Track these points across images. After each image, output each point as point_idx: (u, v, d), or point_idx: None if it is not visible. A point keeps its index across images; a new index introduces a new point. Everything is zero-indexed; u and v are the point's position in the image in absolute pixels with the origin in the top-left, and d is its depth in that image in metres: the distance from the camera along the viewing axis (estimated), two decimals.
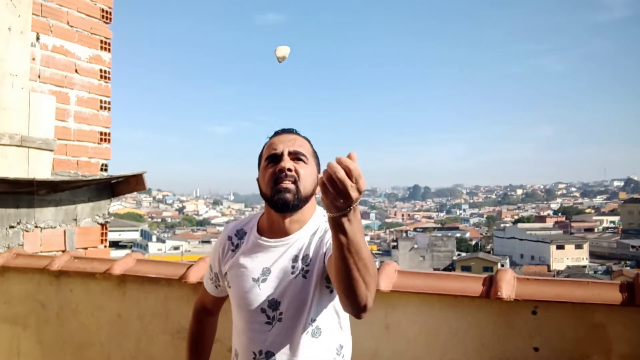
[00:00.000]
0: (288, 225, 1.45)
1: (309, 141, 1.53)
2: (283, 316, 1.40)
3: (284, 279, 1.41)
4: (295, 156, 1.44)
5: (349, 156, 1.06)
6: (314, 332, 1.40)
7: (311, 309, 1.39)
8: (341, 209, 1.07)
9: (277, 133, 1.52)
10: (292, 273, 1.41)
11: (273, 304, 1.41)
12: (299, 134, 1.52)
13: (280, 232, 1.47)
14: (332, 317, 1.43)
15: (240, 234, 1.56)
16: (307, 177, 1.44)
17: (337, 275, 1.18)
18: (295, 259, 1.42)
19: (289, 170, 1.41)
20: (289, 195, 1.40)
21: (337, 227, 1.10)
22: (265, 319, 1.42)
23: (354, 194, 1.04)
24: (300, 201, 1.42)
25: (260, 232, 1.51)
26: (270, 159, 1.45)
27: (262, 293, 1.42)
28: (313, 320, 1.39)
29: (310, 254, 1.42)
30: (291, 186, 1.41)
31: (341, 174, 1.03)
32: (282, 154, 1.44)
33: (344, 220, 1.09)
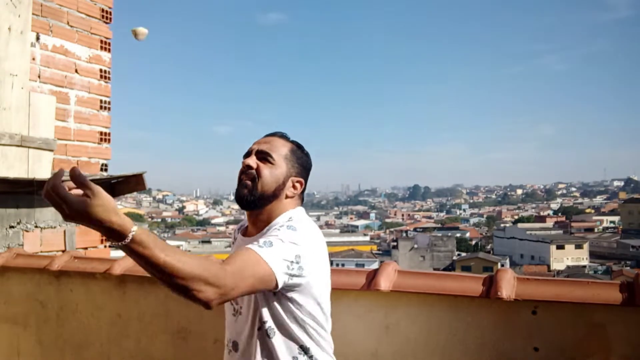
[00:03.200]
0: (253, 224, 1.55)
1: (295, 146, 1.58)
2: (242, 311, 1.49)
3: None
4: (262, 155, 1.52)
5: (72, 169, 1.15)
6: (267, 331, 1.43)
7: (259, 308, 1.43)
8: (112, 239, 1.15)
9: (264, 136, 1.62)
10: None
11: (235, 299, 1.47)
12: (283, 137, 1.59)
13: (251, 230, 1.56)
14: (287, 320, 1.42)
15: (239, 229, 1.68)
16: (269, 176, 1.50)
17: None
18: None
19: (250, 167, 1.50)
20: (244, 191, 1.49)
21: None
22: (232, 310, 1.53)
23: (62, 213, 1.14)
24: (257, 198, 1.49)
25: (245, 229, 1.61)
26: (243, 158, 1.55)
27: None
28: (262, 320, 1.43)
29: None
30: (248, 182, 1.49)
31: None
32: (250, 153, 1.54)
33: (126, 252, 1.16)
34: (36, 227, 3.19)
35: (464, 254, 53.84)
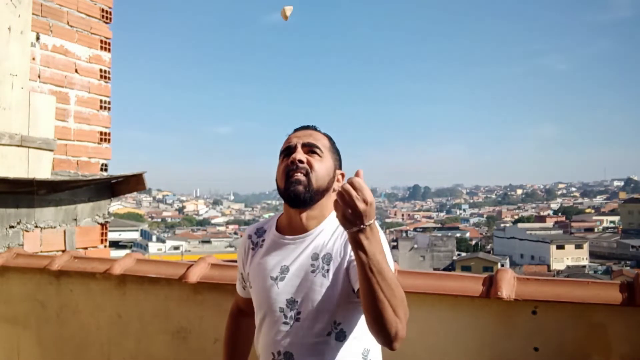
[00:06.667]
0: (305, 222, 1.42)
1: (329, 138, 1.51)
2: (301, 316, 1.35)
3: (303, 277, 1.37)
4: (309, 149, 1.42)
5: (356, 174, 1.16)
6: (337, 335, 1.34)
7: (333, 310, 1.34)
8: (353, 222, 1.13)
9: (295, 130, 1.51)
10: (312, 272, 1.36)
11: (291, 303, 1.36)
12: (318, 130, 1.50)
13: (298, 229, 1.43)
14: (358, 319, 1.36)
15: (260, 232, 1.53)
16: (321, 170, 1.41)
17: (364, 299, 1.18)
18: (315, 257, 1.38)
19: (301, 162, 1.39)
20: (300, 187, 1.38)
21: (355, 244, 1.15)
22: (283, 318, 1.37)
23: (359, 204, 1.11)
24: (313, 194, 1.39)
25: (280, 229, 1.48)
26: (285, 153, 1.44)
27: (280, 292, 1.38)
28: (336, 323, 1.34)
29: (332, 253, 1.37)
30: (302, 178, 1.39)
31: (346, 186, 1.13)
32: (295, 147, 1.43)
33: (361, 237, 1.13)
34: (36, 227, 3.19)
35: (464, 254, 53.80)
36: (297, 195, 1.38)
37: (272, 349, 1.38)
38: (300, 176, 1.39)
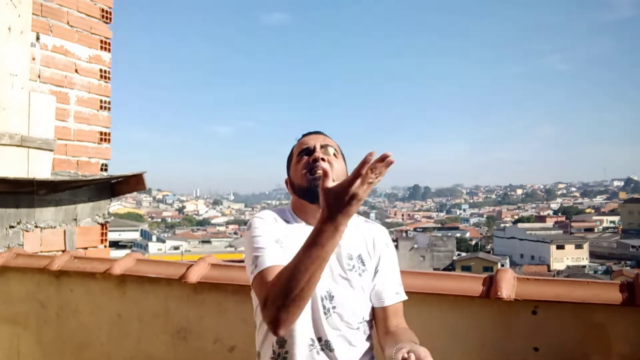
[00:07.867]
0: (316, 216, 1.44)
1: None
2: (337, 310, 1.42)
3: (340, 273, 1.45)
4: (326, 150, 1.52)
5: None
6: (364, 329, 1.46)
7: (364, 307, 1.46)
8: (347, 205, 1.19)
9: (305, 134, 1.60)
10: (350, 270, 1.45)
11: (329, 296, 1.43)
12: (327, 135, 1.61)
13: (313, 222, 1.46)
14: (370, 322, 1.50)
15: (284, 220, 1.51)
16: (339, 168, 1.51)
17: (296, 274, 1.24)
18: (350, 257, 1.47)
19: (323, 160, 1.48)
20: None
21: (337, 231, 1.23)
22: (322, 308, 1.42)
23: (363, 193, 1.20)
24: None
25: (297, 218, 1.53)
26: (303, 153, 1.52)
27: (320, 283, 1.38)
28: (365, 319, 1.46)
29: (363, 256, 1.49)
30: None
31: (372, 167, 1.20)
32: (314, 147, 1.52)
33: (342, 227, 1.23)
34: (36, 227, 3.19)
35: (464, 254, 53.77)
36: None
37: (311, 334, 1.41)
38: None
